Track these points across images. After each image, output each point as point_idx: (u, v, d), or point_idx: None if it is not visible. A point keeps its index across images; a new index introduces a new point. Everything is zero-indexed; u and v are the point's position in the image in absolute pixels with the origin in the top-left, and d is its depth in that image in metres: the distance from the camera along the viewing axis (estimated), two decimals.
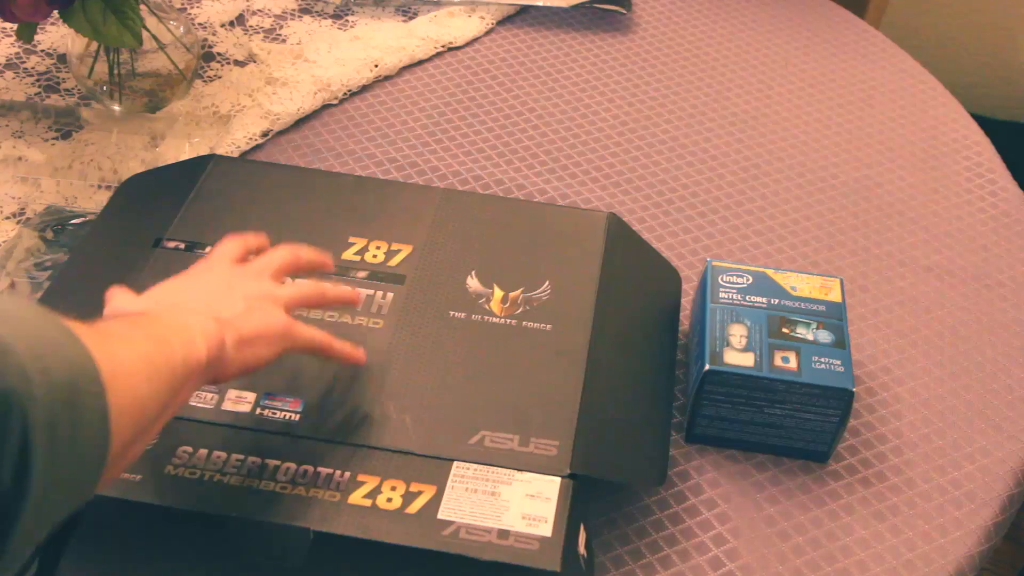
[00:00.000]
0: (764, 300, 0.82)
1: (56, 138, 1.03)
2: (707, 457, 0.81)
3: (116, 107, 1.06)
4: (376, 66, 1.15)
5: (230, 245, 0.73)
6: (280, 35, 1.20)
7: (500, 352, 0.78)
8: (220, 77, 1.13)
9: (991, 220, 1.03)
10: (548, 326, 0.80)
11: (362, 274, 0.83)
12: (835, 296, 0.83)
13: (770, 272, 0.84)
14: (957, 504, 0.79)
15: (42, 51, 1.15)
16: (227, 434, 0.72)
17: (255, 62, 1.15)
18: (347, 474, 0.70)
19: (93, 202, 0.95)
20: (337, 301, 0.75)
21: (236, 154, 1.03)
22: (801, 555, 0.76)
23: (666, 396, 0.81)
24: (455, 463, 0.71)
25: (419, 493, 0.69)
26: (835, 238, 1.00)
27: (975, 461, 0.83)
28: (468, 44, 1.21)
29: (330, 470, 0.70)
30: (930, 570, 0.75)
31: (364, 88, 1.13)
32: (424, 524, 0.67)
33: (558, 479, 0.70)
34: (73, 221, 0.93)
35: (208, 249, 0.84)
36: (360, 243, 0.85)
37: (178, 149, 1.01)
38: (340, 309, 0.80)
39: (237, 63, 1.15)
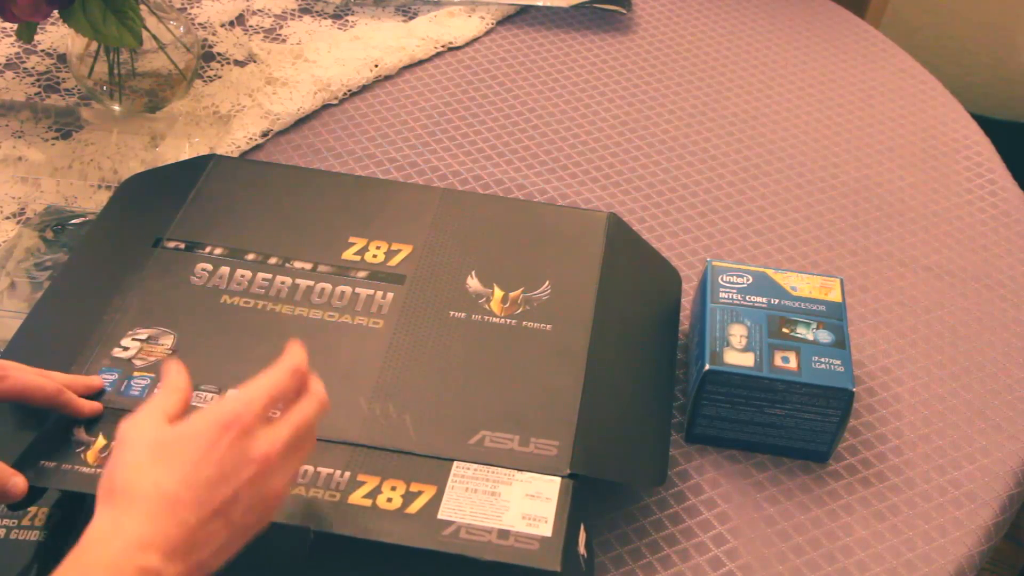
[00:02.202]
0: (764, 300, 0.82)
1: (56, 138, 1.03)
2: (707, 457, 0.81)
3: (116, 107, 1.06)
4: (376, 66, 1.15)
5: (249, 405, 0.60)
6: (280, 35, 1.20)
7: (500, 352, 0.78)
8: (220, 77, 1.13)
9: (991, 220, 1.03)
10: (548, 326, 0.80)
11: (362, 274, 0.83)
12: (835, 296, 0.83)
13: (770, 272, 0.84)
14: (957, 504, 0.79)
15: (42, 51, 1.15)
16: None
17: (255, 62, 1.15)
18: (347, 474, 0.70)
19: (93, 202, 0.96)
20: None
21: (236, 154, 1.03)
22: (801, 555, 0.76)
23: (666, 396, 0.81)
24: (455, 463, 0.71)
25: (419, 493, 0.69)
26: (835, 238, 1.00)
27: (975, 461, 0.83)
28: (468, 44, 1.21)
29: (330, 470, 0.70)
30: (930, 570, 0.75)
31: (364, 88, 1.13)
32: (424, 524, 0.67)
33: (558, 479, 0.70)
34: (73, 221, 0.93)
35: (208, 250, 0.84)
36: (360, 243, 0.85)
37: (178, 149, 1.01)
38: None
39: (237, 63, 1.15)
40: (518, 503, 0.69)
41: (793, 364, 0.78)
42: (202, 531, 0.56)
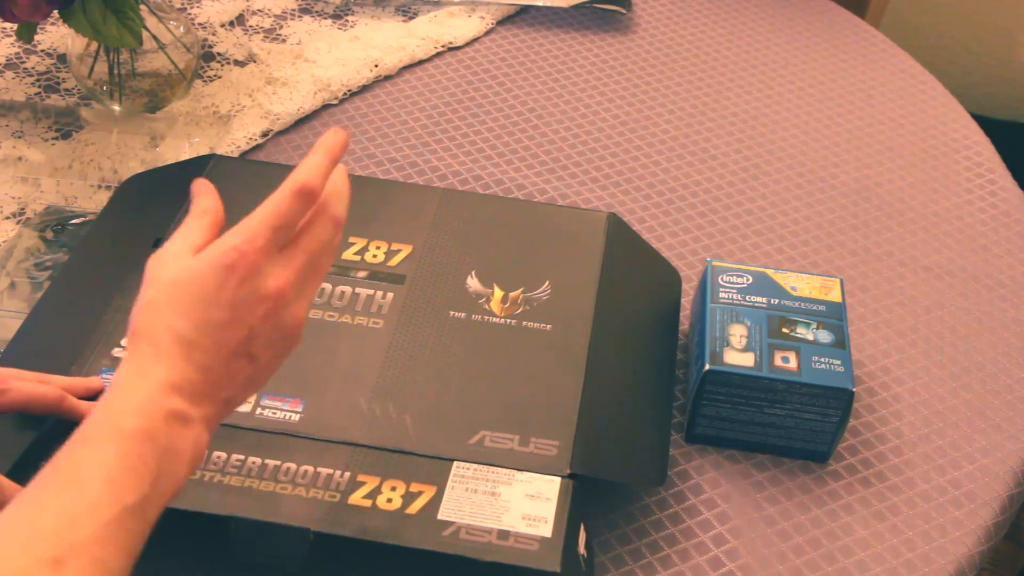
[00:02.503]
0: (764, 300, 0.82)
1: (56, 138, 1.03)
2: (707, 457, 0.81)
3: (116, 107, 1.06)
4: (376, 66, 1.15)
5: (256, 241, 0.55)
6: (280, 35, 1.20)
7: (500, 352, 0.78)
8: (220, 77, 1.13)
9: (991, 220, 1.03)
10: (548, 326, 0.80)
11: (362, 274, 0.83)
12: (835, 296, 0.83)
13: (770, 272, 0.84)
14: (957, 504, 0.79)
15: (42, 51, 1.15)
16: (227, 434, 0.72)
17: (255, 62, 1.15)
18: (347, 474, 0.70)
19: (93, 202, 0.96)
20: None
21: (236, 154, 1.03)
22: (801, 555, 0.76)
23: (666, 396, 0.81)
24: (455, 463, 0.71)
25: (419, 493, 0.69)
26: (835, 238, 1.00)
27: (975, 461, 0.83)
28: (468, 44, 1.21)
29: (330, 470, 0.70)
30: (930, 570, 0.75)
31: (364, 88, 1.13)
32: (424, 525, 0.67)
33: (558, 479, 0.70)
34: (73, 221, 0.93)
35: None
36: (360, 243, 0.85)
37: (178, 149, 1.01)
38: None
39: (237, 63, 1.15)
40: (518, 503, 0.69)
41: (793, 364, 0.78)
42: (223, 371, 0.55)
